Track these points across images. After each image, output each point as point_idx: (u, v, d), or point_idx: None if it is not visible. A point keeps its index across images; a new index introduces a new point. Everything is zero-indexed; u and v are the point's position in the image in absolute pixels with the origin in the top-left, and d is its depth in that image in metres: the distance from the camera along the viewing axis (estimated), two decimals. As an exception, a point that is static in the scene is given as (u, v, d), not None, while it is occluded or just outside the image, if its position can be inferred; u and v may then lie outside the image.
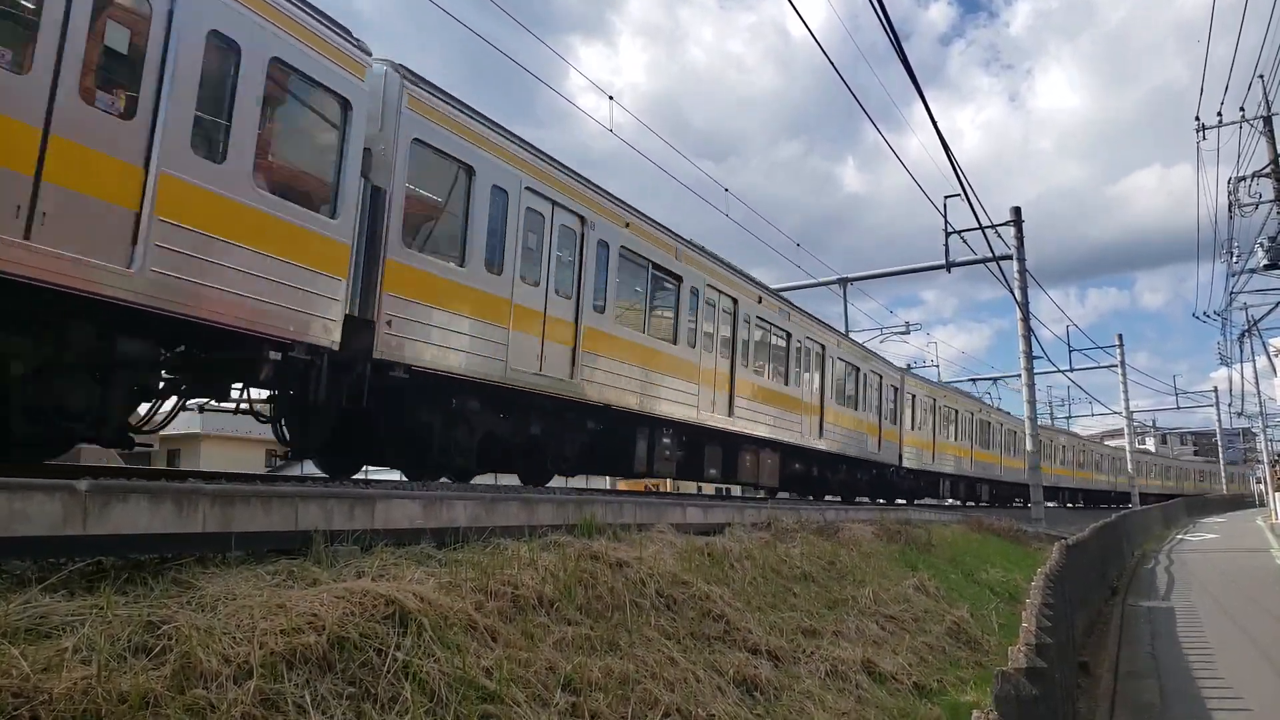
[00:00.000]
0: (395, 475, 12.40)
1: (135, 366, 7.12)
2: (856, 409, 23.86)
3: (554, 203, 11.50)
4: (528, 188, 10.95)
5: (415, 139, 9.32)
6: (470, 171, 10.07)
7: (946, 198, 26.05)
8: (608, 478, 22.77)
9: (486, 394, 10.53)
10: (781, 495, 21.16)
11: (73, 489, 4.37)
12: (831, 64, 10.74)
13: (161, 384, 7.71)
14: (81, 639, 3.58)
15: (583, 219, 12.10)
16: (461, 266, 9.94)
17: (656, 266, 14.26)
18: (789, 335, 19.64)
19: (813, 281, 32.41)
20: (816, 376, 21.25)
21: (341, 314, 8.27)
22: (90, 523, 4.42)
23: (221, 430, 30.72)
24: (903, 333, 40.19)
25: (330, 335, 8.12)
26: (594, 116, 19.86)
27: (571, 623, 5.91)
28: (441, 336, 9.52)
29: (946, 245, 28.51)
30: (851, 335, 28.52)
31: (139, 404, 7.58)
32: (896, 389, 27.35)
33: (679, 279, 14.94)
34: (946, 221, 27.12)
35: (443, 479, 10.55)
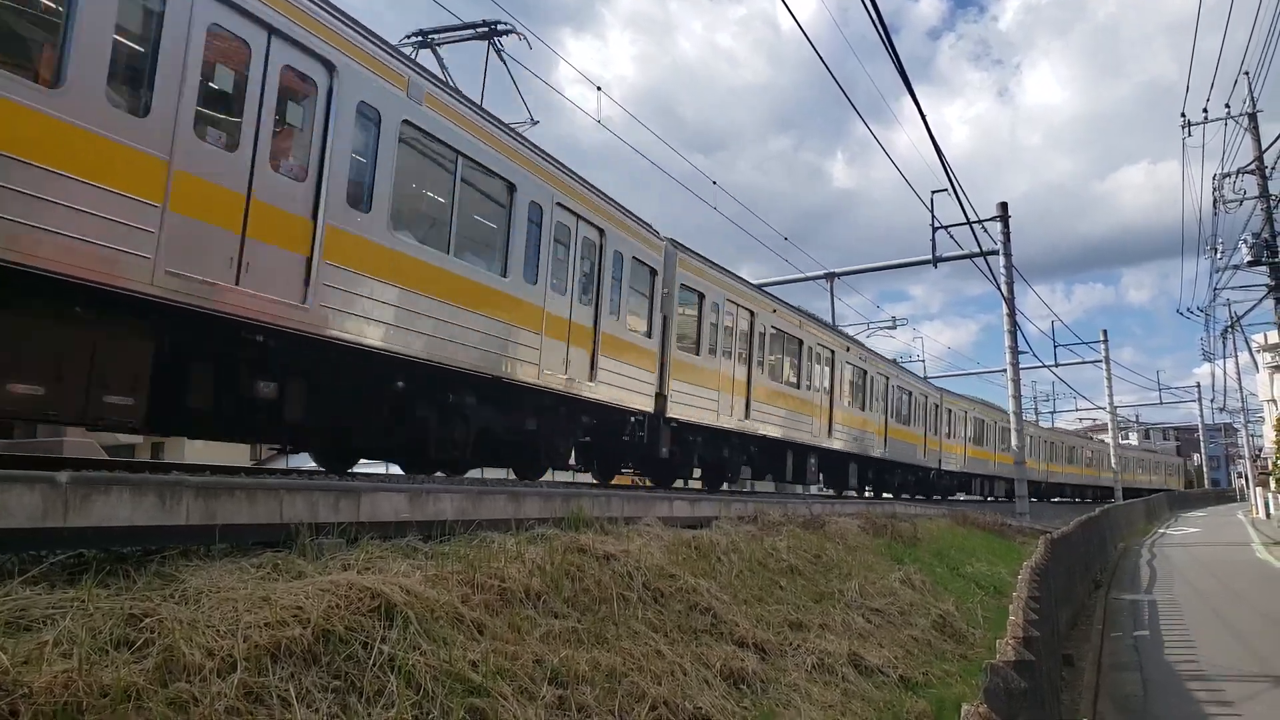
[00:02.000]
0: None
1: None
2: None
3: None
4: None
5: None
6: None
7: (934, 193, 26.21)
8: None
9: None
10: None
11: (53, 481, 4.32)
12: (820, 58, 10.72)
13: None
14: (62, 632, 3.54)
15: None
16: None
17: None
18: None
19: (800, 276, 32.49)
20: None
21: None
22: (71, 515, 4.37)
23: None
24: (889, 327, 40.33)
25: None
26: (583, 108, 19.87)
27: (558, 615, 5.89)
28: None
29: (934, 240, 28.61)
30: (837, 329, 28.64)
31: None
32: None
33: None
34: (934, 217, 27.24)
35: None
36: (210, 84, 6.93)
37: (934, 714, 6.94)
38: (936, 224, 27.49)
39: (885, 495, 27.42)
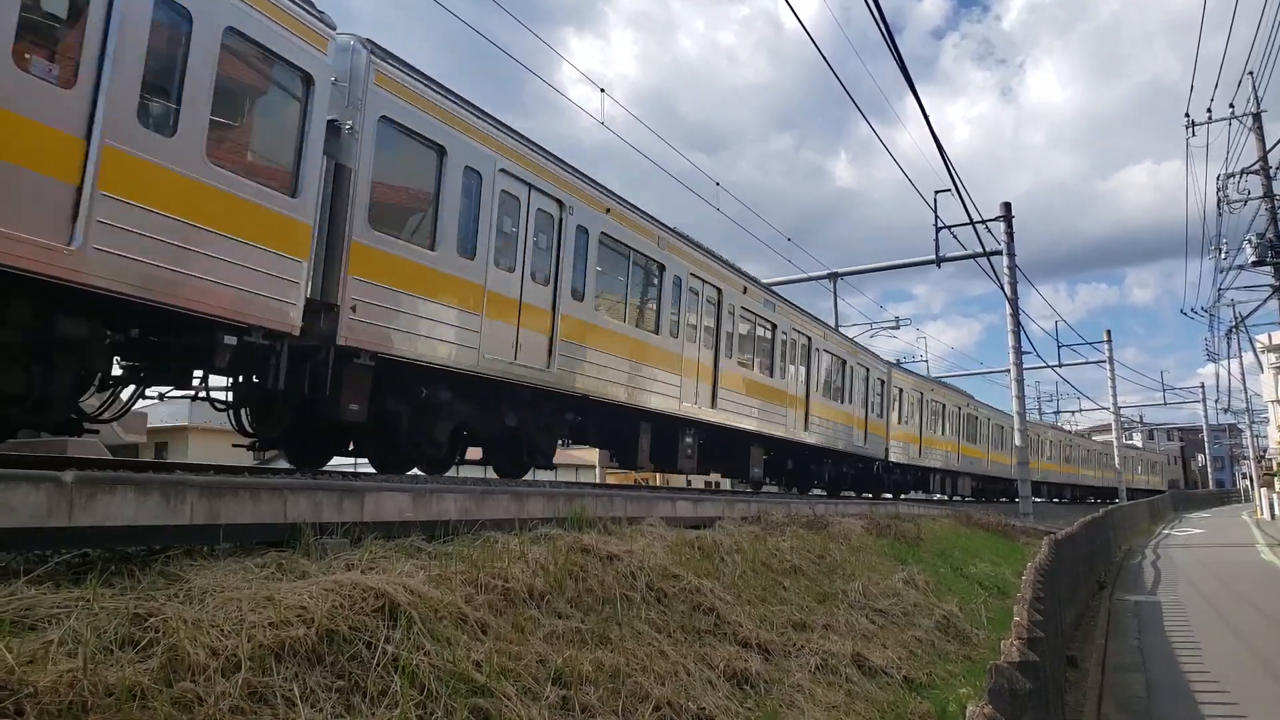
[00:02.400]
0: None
1: None
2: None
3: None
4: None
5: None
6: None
7: (937, 193, 26.11)
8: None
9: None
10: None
11: (58, 480, 4.33)
12: (823, 57, 10.72)
13: None
14: (67, 631, 3.54)
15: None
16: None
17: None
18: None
19: (802, 276, 32.45)
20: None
21: None
22: (76, 514, 4.38)
23: (209, 423, 30.56)
24: (892, 327, 40.27)
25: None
26: (586, 109, 19.85)
27: (562, 616, 5.89)
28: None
29: (937, 240, 28.60)
30: (841, 330, 28.61)
31: None
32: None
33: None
34: (937, 217, 27.19)
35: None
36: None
37: (938, 715, 6.93)
38: (940, 224, 27.47)
39: (815, 492, 22.96)
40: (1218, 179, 28.87)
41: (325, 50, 8.42)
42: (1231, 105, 28.17)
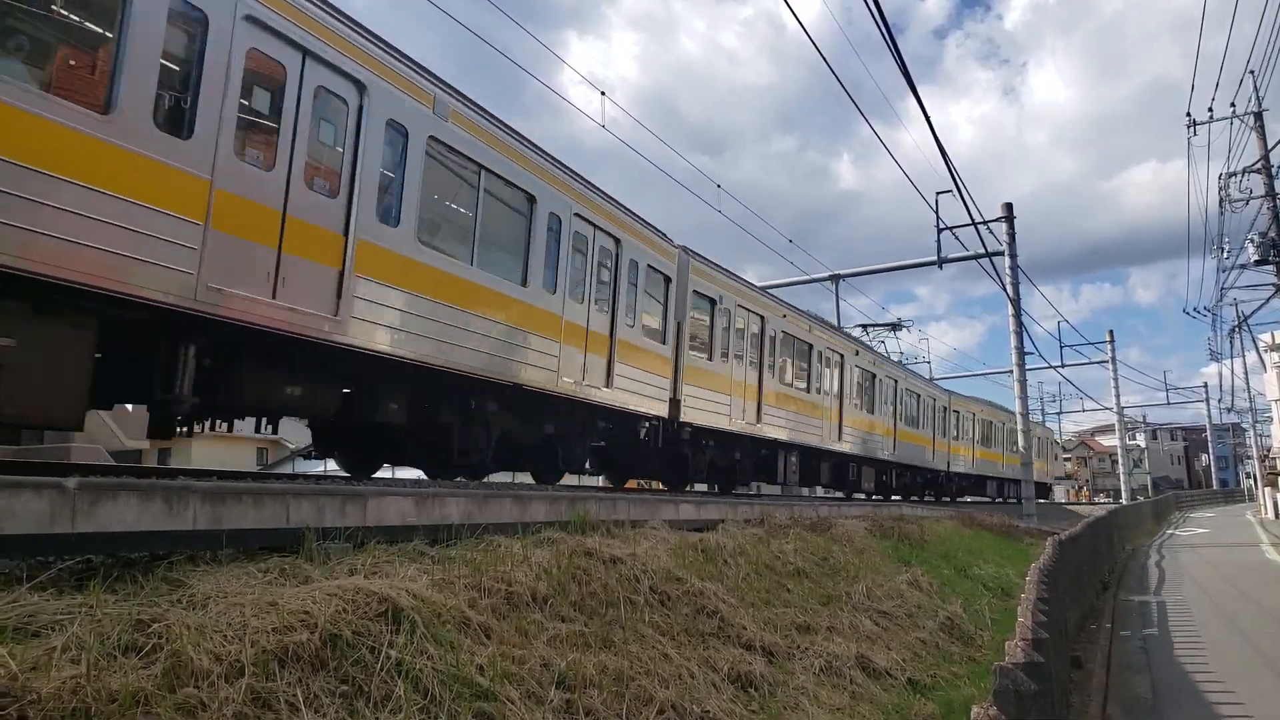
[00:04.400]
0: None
1: None
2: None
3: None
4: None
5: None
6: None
7: (939, 194, 26.11)
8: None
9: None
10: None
11: (61, 487, 4.33)
12: (824, 59, 10.71)
13: None
14: (71, 638, 3.54)
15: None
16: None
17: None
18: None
19: (805, 278, 32.44)
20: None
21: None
22: (79, 520, 4.38)
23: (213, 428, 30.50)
24: (893, 327, 40.19)
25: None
26: (586, 112, 19.85)
27: (565, 619, 5.88)
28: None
29: (939, 241, 28.61)
30: (842, 330, 28.60)
31: None
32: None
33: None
34: (938, 218, 27.17)
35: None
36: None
37: (942, 716, 6.91)
38: (941, 225, 27.46)
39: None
40: (1219, 178, 28.87)
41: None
42: (1233, 104, 28.16)
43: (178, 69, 6.82)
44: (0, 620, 3.56)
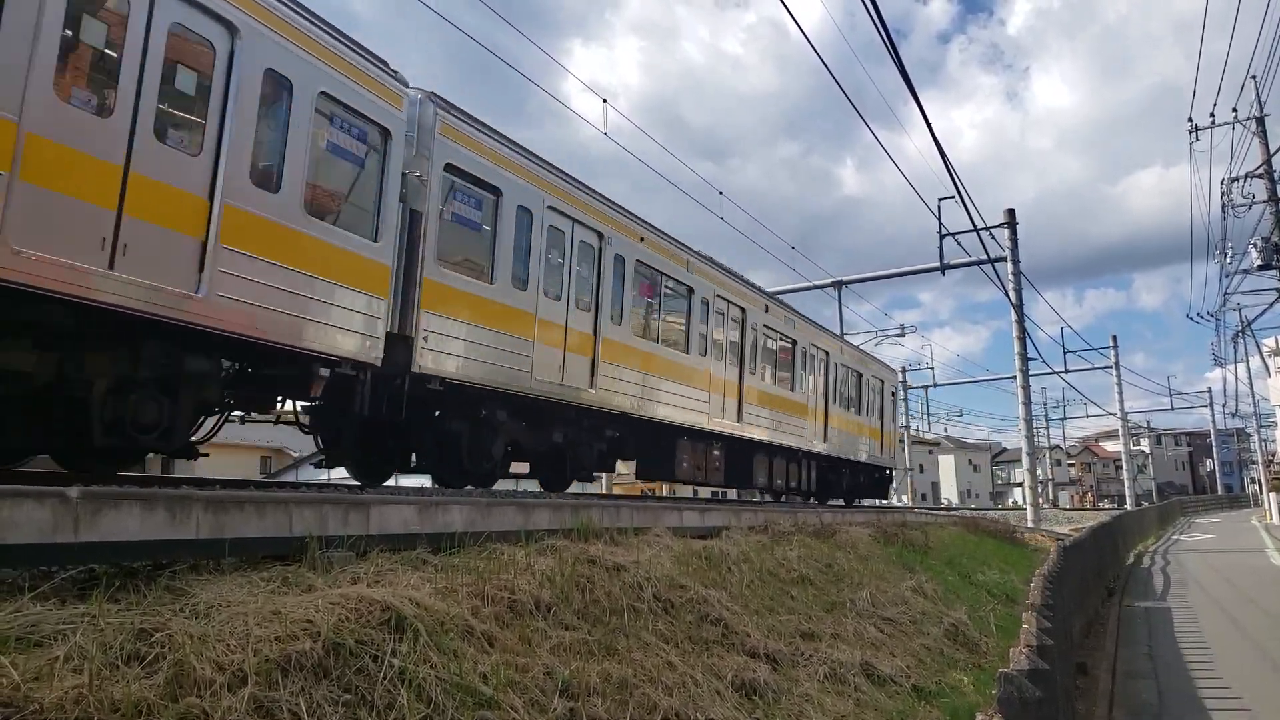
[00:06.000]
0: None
1: None
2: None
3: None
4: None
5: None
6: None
7: (941, 200, 26.14)
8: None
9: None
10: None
11: (63, 496, 4.33)
12: (826, 67, 10.72)
13: None
14: (73, 647, 3.53)
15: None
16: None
17: None
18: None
19: (808, 284, 32.47)
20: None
21: None
22: (82, 530, 4.37)
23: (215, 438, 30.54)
24: (898, 334, 40.23)
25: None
26: (588, 119, 19.89)
27: (569, 627, 5.87)
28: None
29: (941, 247, 28.64)
30: (847, 338, 28.58)
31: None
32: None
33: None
34: (941, 224, 27.23)
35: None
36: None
37: (947, 724, 6.88)
38: (944, 231, 27.48)
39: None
40: (1222, 183, 28.85)
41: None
42: (1235, 109, 28.17)
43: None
44: (2, 630, 3.56)
